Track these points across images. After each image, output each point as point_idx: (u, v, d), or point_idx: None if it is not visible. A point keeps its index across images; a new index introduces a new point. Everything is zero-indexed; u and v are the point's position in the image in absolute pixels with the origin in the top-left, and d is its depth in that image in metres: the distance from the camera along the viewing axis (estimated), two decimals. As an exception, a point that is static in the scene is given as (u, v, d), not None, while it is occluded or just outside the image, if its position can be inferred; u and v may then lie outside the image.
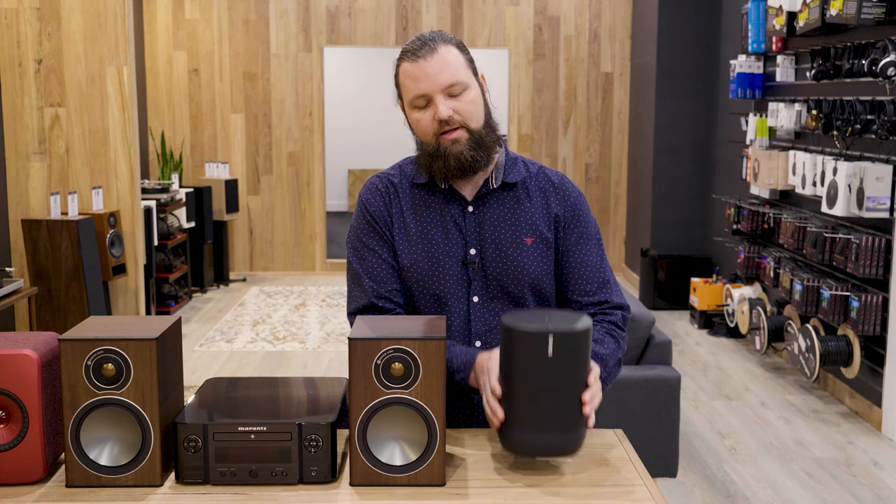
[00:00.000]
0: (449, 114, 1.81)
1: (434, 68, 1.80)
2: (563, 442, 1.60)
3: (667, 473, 3.46)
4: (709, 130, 7.30)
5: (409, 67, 1.83)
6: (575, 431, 1.60)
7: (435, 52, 1.81)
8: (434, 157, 1.85)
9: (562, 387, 1.57)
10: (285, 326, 6.54)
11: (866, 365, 4.59)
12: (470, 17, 8.28)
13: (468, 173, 1.86)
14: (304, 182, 8.43)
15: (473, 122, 1.84)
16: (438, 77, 1.80)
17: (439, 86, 1.80)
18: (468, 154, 1.83)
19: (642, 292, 7.34)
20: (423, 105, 1.83)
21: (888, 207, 4.29)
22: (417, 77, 1.81)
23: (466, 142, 1.83)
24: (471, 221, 1.89)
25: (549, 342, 1.53)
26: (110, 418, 1.57)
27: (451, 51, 1.83)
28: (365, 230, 1.92)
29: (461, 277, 1.88)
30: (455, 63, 1.82)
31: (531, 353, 1.55)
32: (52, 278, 5.03)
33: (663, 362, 3.50)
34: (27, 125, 5.15)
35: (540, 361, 1.54)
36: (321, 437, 1.57)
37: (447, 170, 1.85)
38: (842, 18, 4.44)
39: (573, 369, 1.57)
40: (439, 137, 1.83)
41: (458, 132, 1.83)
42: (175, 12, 8.18)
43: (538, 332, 1.53)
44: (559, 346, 1.54)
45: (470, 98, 1.84)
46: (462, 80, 1.82)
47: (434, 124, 1.83)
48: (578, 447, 1.62)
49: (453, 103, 1.82)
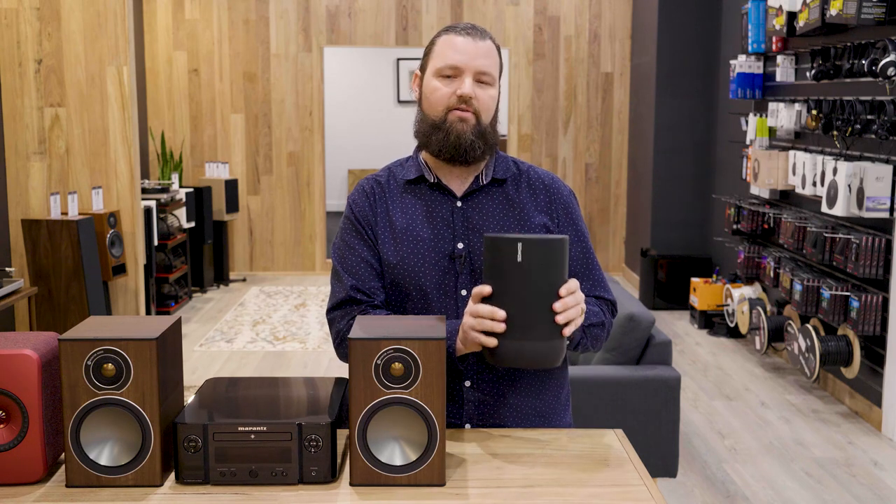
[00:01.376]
0: (472, 94, 1.86)
1: (479, 50, 1.87)
2: (537, 350, 1.67)
3: (667, 473, 3.46)
4: (709, 130, 7.30)
5: (457, 39, 1.88)
6: (551, 341, 1.67)
7: (485, 39, 1.90)
8: (435, 129, 1.89)
9: (534, 293, 1.65)
10: (285, 326, 6.54)
11: (866, 365, 4.59)
12: (470, 17, 8.28)
13: (460, 156, 1.88)
14: (304, 182, 8.44)
15: (485, 114, 1.89)
16: (479, 59, 1.87)
17: (476, 67, 1.87)
18: (469, 137, 1.87)
19: (642, 292, 7.34)
20: (449, 76, 1.88)
21: (888, 207, 4.29)
22: (461, 50, 1.87)
23: (473, 126, 1.87)
24: (459, 216, 1.92)
25: (518, 248, 1.62)
26: (110, 418, 1.57)
27: (495, 49, 1.92)
28: (348, 230, 1.95)
29: (449, 271, 1.90)
30: (494, 58, 1.91)
31: (503, 259, 1.64)
32: (52, 278, 5.03)
33: (663, 362, 3.50)
34: (27, 125, 5.15)
35: (511, 266, 1.63)
36: (321, 437, 1.57)
37: (444, 144, 1.87)
38: (842, 18, 4.44)
39: (544, 276, 1.64)
40: (449, 112, 1.87)
41: (469, 114, 1.87)
42: (175, 12, 8.18)
43: (509, 238, 1.63)
44: (529, 253, 1.62)
45: (491, 94, 1.90)
46: (493, 74, 1.90)
47: (451, 98, 1.87)
48: (556, 358, 1.69)
49: (477, 89, 1.88)
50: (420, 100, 1.94)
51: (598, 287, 1.98)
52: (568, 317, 1.65)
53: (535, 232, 1.92)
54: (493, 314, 1.64)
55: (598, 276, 1.99)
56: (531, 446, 1.77)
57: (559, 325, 1.65)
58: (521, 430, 1.87)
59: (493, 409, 1.90)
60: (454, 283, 1.90)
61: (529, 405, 1.92)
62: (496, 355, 1.68)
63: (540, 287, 1.64)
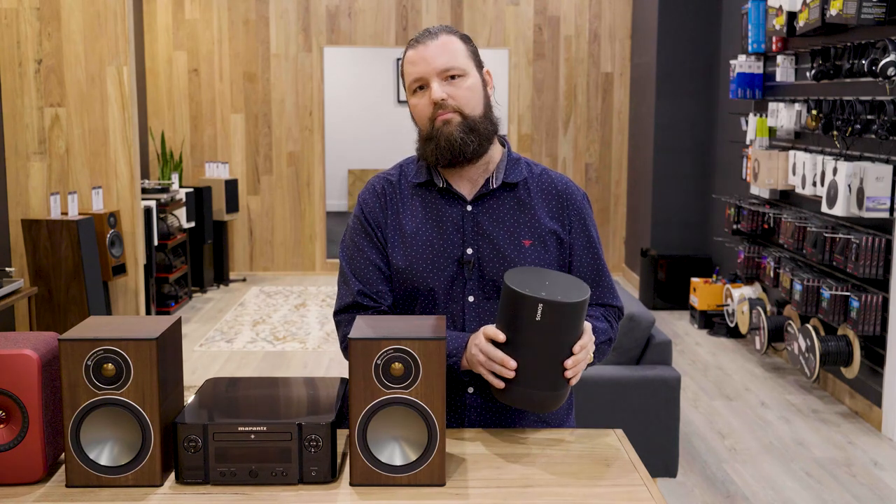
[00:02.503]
0: (442, 96, 1.83)
1: (432, 52, 1.84)
2: (543, 398, 1.71)
3: (667, 473, 3.46)
4: (709, 130, 7.30)
5: (410, 53, 1.87)
6: (558, 391, 1.71)
7: (436, 38, 1.86)
8: (428, 140, 1.87)
9: (548, 351, 1.67)
10: (285, 326, 6.54)
11: (866, 365, 4.59)
12: (470, 17, 8.28)
13: (458, 158, 1.85)
14: (304, 182, 8.43)
15: (468, 108, 1.85)
16: (435, 61, 1.83)
17: (435, 69, 1.83)
18: (458, 136, 1.83)
19: (642, 292, 7.34)
20: (420, 87, 1.86)
21: (888, 207, 4.29)
22: (416, 61, 1.85)
23: (458, 124, 1.84)
24: (469, 221, 1.89)
25: (538, 308, 1.62)
26: (110, 418, 1.57)
27: (453, 40, 1.87)
28: (358, 231, 1.94)
29: (457, 276, 1.88)
30: (454, 50, 1.86)
31: (521, 314, 1.64)
32: (52, 278, 5.03)
33: (663, 362, 3.50)
34: (27, 125, 5.15)
35: (528, 322, 1.63)
36: (321, 437, 1.57)
37: (438, 152, 1.85)
38: (842, 18, 4.44)
39: (560, 336, 1.66)
40: (434, 121, 1.85)
41: (450, 114, 1.84)
42: (175, 12, 8.18)
43: (532, 297, 1.62)
44: (548, 314, 1.62)
45: (466, 85, 1.85)
46: (459, 65, 1.85)
47: (429, 108, 1.85)
48: (559, 403, 1.74)
49: (448, 88, 1.84)
50: (414, 120, 1.93)
51: (606, 294, 1.97)
52: (576, 371, 1.70)
53: (545, 238, 1.89)
54: (505, 362, 1.67)
55: (608, 282, 1.98)
56: (531, 446, 1.77)
57: (567, 378, 1.70)
58: (521, 430, 1.87)
59: (496, 415, 1.90)
60: (462, 289, 1.88)
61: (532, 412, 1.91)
62: (502, 394, 1.73)
63: (555, 346, 1.67)
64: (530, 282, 1.68)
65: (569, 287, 1.68)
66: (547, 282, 1.69)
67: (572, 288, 1.68)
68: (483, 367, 1.72)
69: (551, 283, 1.69)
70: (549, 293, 1.63)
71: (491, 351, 1.69)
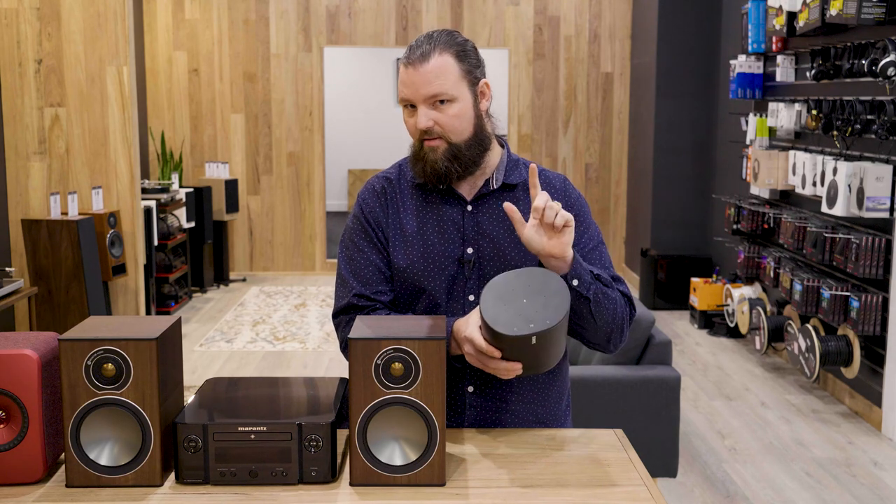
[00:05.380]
0: (428, 125, 1.83)
1: (420, 78, 1.82)
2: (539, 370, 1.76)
3: (667, 473, 3.46)
4: (709, 130, 7.30)
5: (402, 71, 1.86)
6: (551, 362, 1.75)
7: (426, 60, 1.82)
8: (416, 160, 1.89)
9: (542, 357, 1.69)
10: (285, 326, 6.54)
11: (866, 365, 4.59)
12: (470, 17, 8.28)
13: (442, 182, 1.87)
14: (304, 182, 8.43)
15: (454, 135, 1.84)
16: (422, 88, 1.82)
17: (422, 96, 1.82)
18: (442, 165, 1.85)
19: (642, 292, 7.34)
20: (410, 106, 1.86)
21: (888, 207, 4.29)
22: (405, 83, 1.84)
23: (443, 153, 1.85)
24: (469, 221, 1.90)
25: (532, 340, 1.62)
26: (110, 418, 1.57)
27: (445, 60, 1.83)
28: (357, 231, 1.94)
29: (457, 276, 1.88)
30: (444, 74, 1.82)
31: (515, 347, 1.65)
32: (52, 278, 5.03)
33: (663, 362, 3.50)
34: (27, 125, 5.15)
35: (524, 347, 1.64)
36: (321, 437, 1.57)
37: (423, 173, 1.88)
38: (842, 18, 4.44)
39: (553, 345, 1.68)
40: (423, 142, 1.86)
41: (436, 142, 1.85)
42: (175, 12, 8.18)
43: (524, 336, 1.61)
44: (542, 338, 1.63)
45: (453, 111, 1.83)
46: (447, 92, 1.82)
47: (417, 130, 1.86)
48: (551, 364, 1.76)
49: (435, 114, 1.83)
50: None
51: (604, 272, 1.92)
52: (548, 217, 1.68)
53: None
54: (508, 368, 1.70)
55: (606, 262, 1.93)
56: (531, 446, 1.77)
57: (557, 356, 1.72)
58: (522, 430, 1.87)
59: (495, 414, 1.90)
60: (462, 288, 1.89)
61: (531, 412, 1.91)
62: None
63: (549, 352, 1.69)
64: (508, 304, 1.64)
65: (545, 289, 1.65)
66: (525, 299, 1.65)
67: (549, 291, 1.65)
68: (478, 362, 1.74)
69: (527, 296, 1.66)
70: (533, 316, 1.62)
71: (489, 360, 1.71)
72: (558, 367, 1.95)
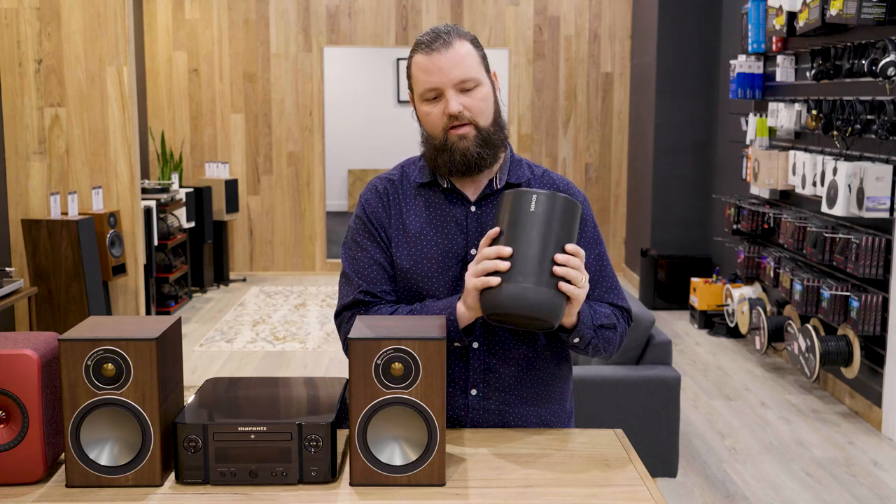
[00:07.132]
0: (459, 109, 1.81)
1: (447, 62, 1.80)
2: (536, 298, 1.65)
3: (667, 473, 3.46)
4: (709, 130, 7.30)
5: (423, 60, 1.83)
6: (550, 291, 1.66)
7: (450, 46, 1.81)
8: (440, 152, 1.85)
9: (540, 238, 1.68)
10: (285, 326, 6.54)
11: (866, 365, 4.59)
12: (470, 17, 8.28)
13: (472, 170, 1.86)
14: (304, 182, 8.44)
15: (483, 119, 1.84)
16: (451, 72, 1.80)
17: (451, 80, 1.80)
18: (474, 150, 1.83)
19: (642, 292, 7.34)
20: (434, 98, 1.83)
21: (888, 207, 4.29)
22: (430, 70, 1.81)
23: (474, 138, 1.83)
24: (473, 221, 1.89)
25: (532, 199, 1.67)
26: (110, 418, 1.57)
27: (466, 46, 1.83)
28: (360, 231, 1.92)
29: (461, 276, 1.87)
30: (469, 58, 1.82)
31: (517, 208, 1.69)
32: (52, 278, 5.03)
33: (663, 362, 3.50)
34: (27, 125, 5.15)
35: (523, 214, 1.67)
36: (321, 437, 1.57)
37: (452, 165, 1.84)
38: (842, 18, 4.44)
39: (553, 227, 1.68)
40: (447, 132, 1.83)
41: (466, 128, 1.82)
42: (175, 12, 8.18)
43: (526, 190, 1.70)
44: (542, 204, 1.67)
45: (481, 95, 1.83)
46: (475, 76, 1.82)
47: (443, 118, 1.82)
48: (552, 314, 1.66)
49: (464, 99, 1.82)
50: (419, 119, 1.90)
51: (611, 293, 1.93)
52: (567, 273, 1.66)
53: None
54: (500, 252, 1.66)
55: (613, 282, 1.94)
56: (531, 446, 1.77)
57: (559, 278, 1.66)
58: (521, 430, 1.87)
59: (498, 417, 1.89)
60: None
61: (534, 415, 1.91)
62: (496, 302, 1.66)
63: (547, 235, 1.67)
64: None
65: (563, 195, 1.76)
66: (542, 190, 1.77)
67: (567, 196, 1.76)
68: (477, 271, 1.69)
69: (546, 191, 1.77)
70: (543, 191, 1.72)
71: (485, 249, 1.69)
72: (560, 370, 1.94)
